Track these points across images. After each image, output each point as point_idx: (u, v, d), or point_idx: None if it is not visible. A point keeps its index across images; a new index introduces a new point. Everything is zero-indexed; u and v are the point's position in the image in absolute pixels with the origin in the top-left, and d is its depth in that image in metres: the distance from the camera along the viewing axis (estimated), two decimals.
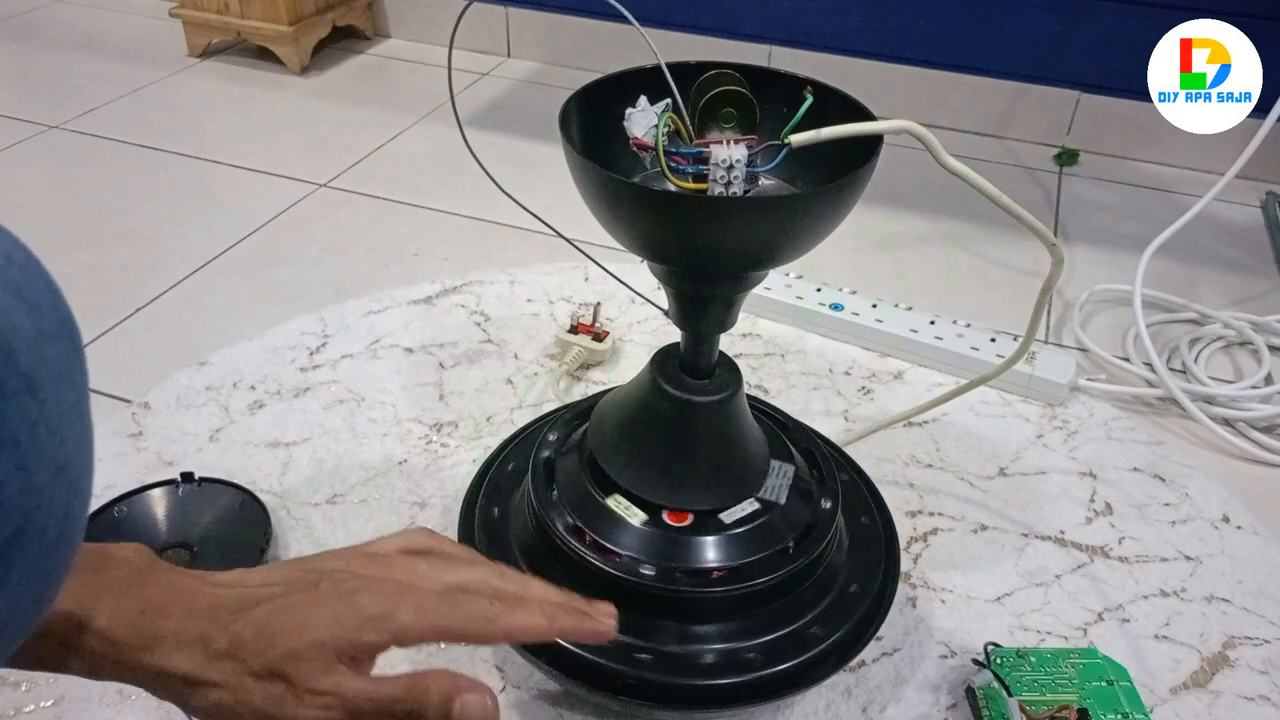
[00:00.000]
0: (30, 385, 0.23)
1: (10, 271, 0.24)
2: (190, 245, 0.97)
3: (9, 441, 0.22)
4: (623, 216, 0.44)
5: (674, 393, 0.51)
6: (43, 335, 0.24)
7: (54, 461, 0.24)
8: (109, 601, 0.36)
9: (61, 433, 0.24)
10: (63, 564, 0.25)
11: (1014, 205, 0.46)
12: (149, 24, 1.53)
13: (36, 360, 0.23)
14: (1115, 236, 1.08)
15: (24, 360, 0.23)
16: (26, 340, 0.23)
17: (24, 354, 0.23)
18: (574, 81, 0.48)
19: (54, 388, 0.24)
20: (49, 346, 0.24)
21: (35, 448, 0.23)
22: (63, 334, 0.25)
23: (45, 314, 0.24)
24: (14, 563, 0.23)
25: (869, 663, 0.58)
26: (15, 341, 0.22)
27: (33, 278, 0.25)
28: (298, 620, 0.36)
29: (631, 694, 0.50)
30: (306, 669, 0.35)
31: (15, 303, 0.23)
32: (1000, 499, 0.71)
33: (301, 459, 0.71)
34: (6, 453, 0.22)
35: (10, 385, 0.22)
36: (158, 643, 0.36)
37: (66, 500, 0.25)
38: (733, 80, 0.45)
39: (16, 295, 0.23)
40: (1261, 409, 0.79)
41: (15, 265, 0.24)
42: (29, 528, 0.23)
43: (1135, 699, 0.54)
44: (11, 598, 0.23)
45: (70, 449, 0.25)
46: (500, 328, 0.86)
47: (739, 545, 0.52)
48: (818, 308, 0.87)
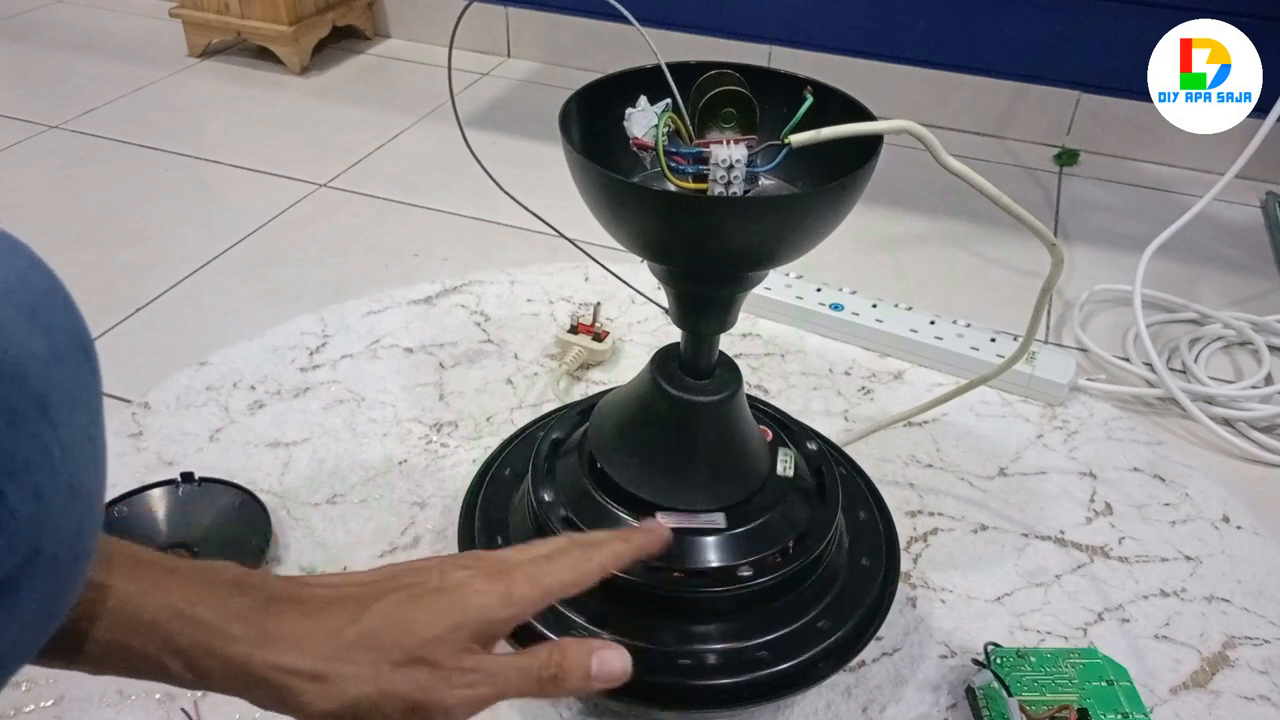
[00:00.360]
0: (43, 408, 0.23)
1: (25, 294, 0.23)
2: (190, 245, 0.97)
3: (22, 467, 0.22)
4: (623, 216, 0.44)
5: (674, 393, 0.51)
6: (57, 357, 0.24)
7: (67, 484, 0.23)
8: (218, 596, 0.35)
9: (75, 454, 0.24)
10: (74, 583, 0.25)
11: (1014, 205, 0.46)
12: (149, 24, 1.53)
13: (49, 384, 0.23)
14: (1115, 236, 1.08)
15: (37, 384, 0.22)
16: (40, 364, 0.23)
17: (37, 378, 0.23)
18: (574, 81, 0.48)
19: (67, 410, 0.24)
20: (62, 369, 0.24)
21: (49, 471, 0.23)
22: (77, 355, 0.25)
23: (59, 336, 0.24)
24: (26, 586, 0.23)
25: (869, 663, 0.58)
26: (28, 366, 0.22)
27: (48, 298, 0.24)
28: (429, 609, 0.37)
29: (633, 694, 0.50)
30: (448, 651, 0.37)
31: (29, 326, 0.23)
32: (1000, 499, 0.71)
33: (301, 459, 0.71)
34: (20, 478, 0.22)
35: (23, 410, 0.22)
36: (274, 640, 0.35)
37: (79, 521, 0.24)
38: (733, 80, 0.45)
39: (31, 318, 0.23)
40: (1261, 409, 0.79)
41: (30, 287, 0.24)
42: (42, 551, 0.23)
43: (1135, 699, 0.54)
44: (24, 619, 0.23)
45: (84, 471, 0.24)
46: (500, 328, 0.86)
47: (739, 545, 0.52)
48: (818, 308, 0.87)
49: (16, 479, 0.22)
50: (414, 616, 0.37)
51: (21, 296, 0.23)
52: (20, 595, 0.22)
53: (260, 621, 0.35)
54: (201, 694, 0.54)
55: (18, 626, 0.23)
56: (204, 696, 0.54)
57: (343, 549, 0.64)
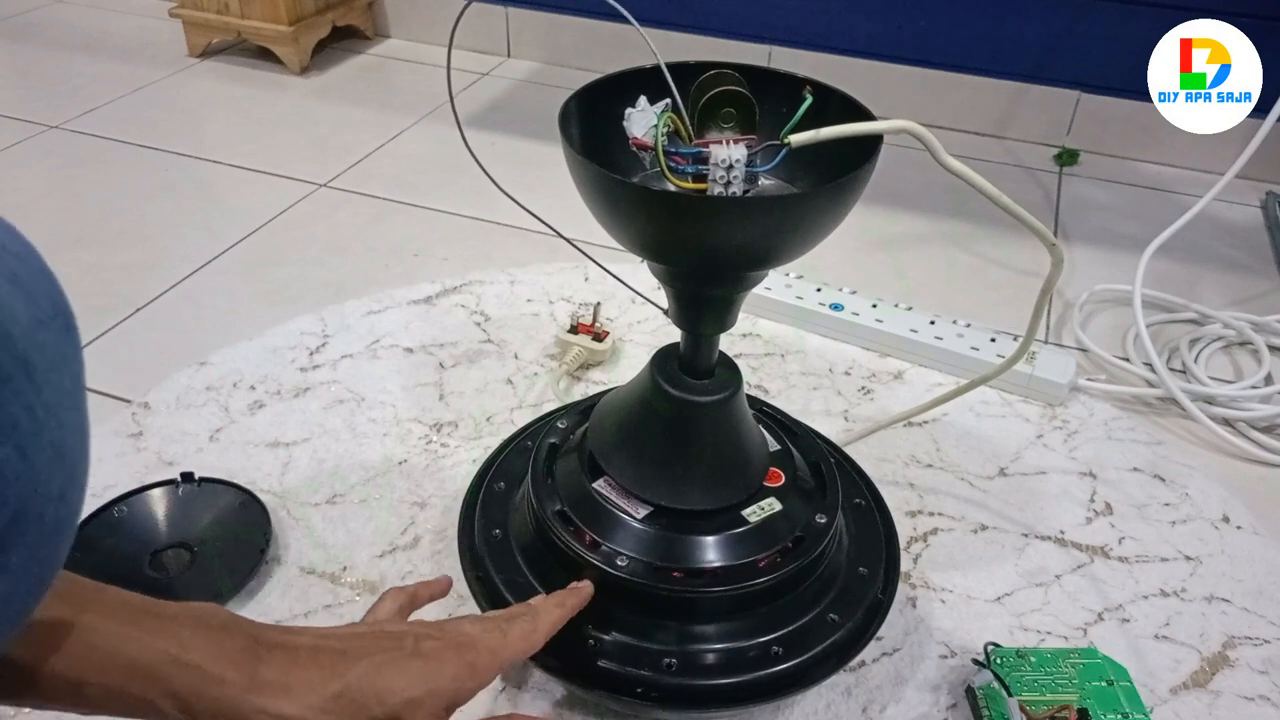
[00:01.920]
0: (27, 369, 0.23)
1: (6, 259, 0.24)
2: (190, 245, 0.97)
3: (7, 424, 0.22)
4: (623, 216, 0.44)
5: (674, 393, 0.51)
6: (39, 322, 0.24)
7: (51, 445, 0.24)
8: (208, 640, 0.37)
9: (58, 416, 0.24)
10: (59, 550, 0.26)
11: (1014, 205, 0.46)
12: (149, 24, 1.53)
13: (33, 345, 0.23)
14: (1115, 236, 1.08)
15: (20, 345, 0.23)
16: (23, 326, 0.23)
17: (20, 339, 0.23)
18: (574, 81, 0.48)
19: (50, 373, 0.24)
20: (45, 332, 0.24)
21: (33, 431, 0.23)
22: (58, 320, 0.25)
23: (40, 301, 0.25)
24: (12, 547, 0.23)
25: (869, 663, 0.58)
26: (12, 327, 0.23)
27: (28, 265, 0.25)
28: (408, 674, 0.40)
29: (633, 694, 0.50)
30: (423, 714, 0.40)
31: (12, 289, 0.23)
32: (1000, 499, 0.71)
33: (301, 459, 0.71)
34: (4, 435, 0.22)
35: (6, 369, 0.22)
36: (263, 685, 0.37)
37: (63, 486, 0.25)
38: (732, 80, 0.45)
39: (13, 282, 0.24)
40: (1261, 409, 0.79)
41: (10, 253, 0.24)
42: (27, 511, 0.23)
43: (1135, 699, 0.54)
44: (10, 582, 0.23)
45: (67, 434, 0.25)
46: (500, 328, 0.86)
47: (740, 545, 0.52)
48: (818, 308, 0.87)
49: (3, 435, 0.22)
50: (395, 678, 0.40)
51: (2, 262, 0.24)
52: (10, 556, 0.23)
53: (250, 666, 0.37)
54: None
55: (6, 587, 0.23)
56: None
57: (343, 549, 0.64)
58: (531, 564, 0.55)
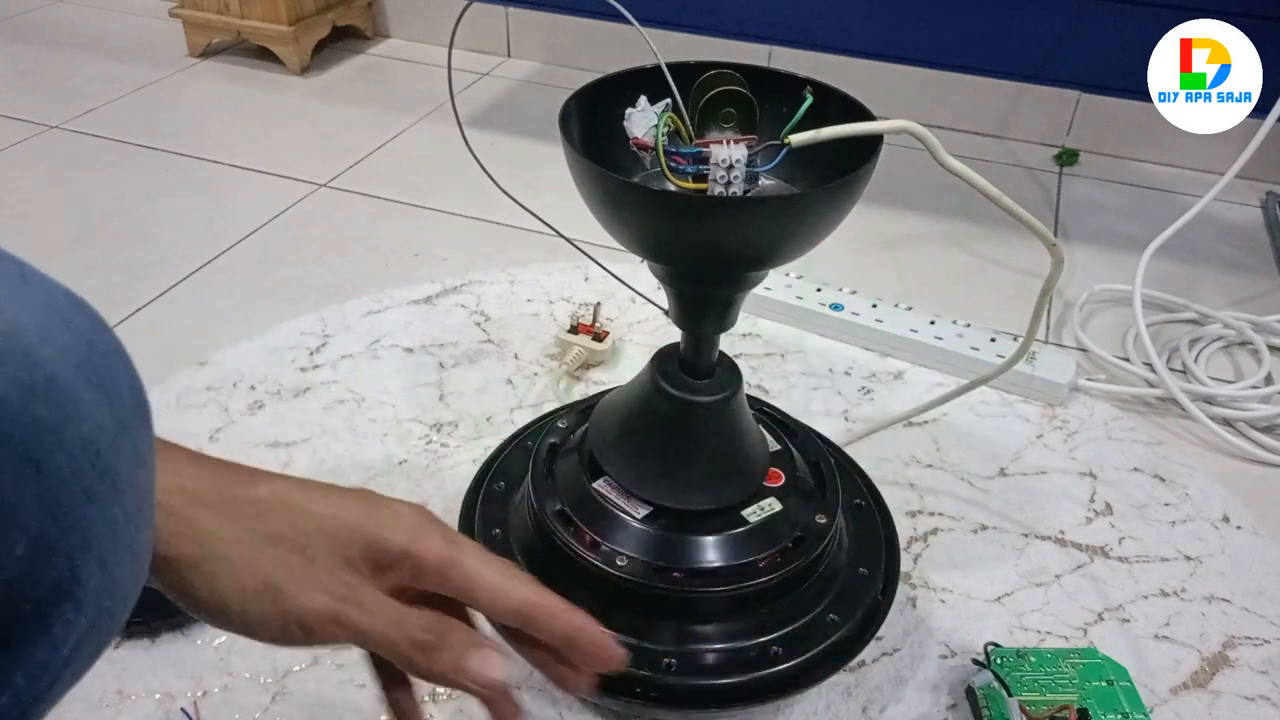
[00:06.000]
0: (114, 481, 0.23)
1: (94, 360, 0.23)
2: (190, 245, 0.97)
3: (93, 540, 0.22)
4: (623, 216, 0.44)
5: (674, 393, 0.51)
6: (123, 426, 0.23)
7: (129, 548, 0.24)
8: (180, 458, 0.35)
9: (136, 519, 0.24)
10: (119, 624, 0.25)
11: (1014, 205, 0.46)
12: (149, 24, 1.53)
13: (117, 454, 0.23)
14: (1115, 236, 1.08)
15: (106, 457, 0.22)
16: (109, 437, 0.23)
17: (106, 451, 0.22)
18: (574, 81, 0.48)
19: (131, 476, 0.23)
20: (128, 436, 0.24)
21: (113, 540, 0.23)
22: (139, 416, 0.25)
23: (125, 401, 0.24)
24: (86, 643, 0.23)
25: (869, 663, 0.58)
26: (100, 441, 0.22)
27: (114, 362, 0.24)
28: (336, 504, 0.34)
29: (633, 694, 0.50)
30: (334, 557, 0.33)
31: (99, 397, 0.23)
32: (1000, 499, 0.71)
33: (301, 459, 0.71)
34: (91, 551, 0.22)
35: (93, 487, 0.22)
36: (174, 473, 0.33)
37: (135, 579, 0.24)
38: (733, 80, 0.45)
39: (100, 388, 0.23)
40: (1261, 409, 0.79)
41: (98, 352, 0.23)
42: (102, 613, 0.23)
43: (1135, 699, 0.54)
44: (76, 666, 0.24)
45: (143, 531, 0.24)
46: (500, 328, 0.86)
47: (740, 545, 0.52)
48: (818, 308, 0.87)
49: (88, 553, 0.22)
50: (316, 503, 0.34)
51: (90, 364, 0.23)
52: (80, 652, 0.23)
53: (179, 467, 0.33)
54: (201, 693, 0.54)
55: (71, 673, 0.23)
56: (204, 695, 0.54)
57: None
58: (531, 564, 0.55)
